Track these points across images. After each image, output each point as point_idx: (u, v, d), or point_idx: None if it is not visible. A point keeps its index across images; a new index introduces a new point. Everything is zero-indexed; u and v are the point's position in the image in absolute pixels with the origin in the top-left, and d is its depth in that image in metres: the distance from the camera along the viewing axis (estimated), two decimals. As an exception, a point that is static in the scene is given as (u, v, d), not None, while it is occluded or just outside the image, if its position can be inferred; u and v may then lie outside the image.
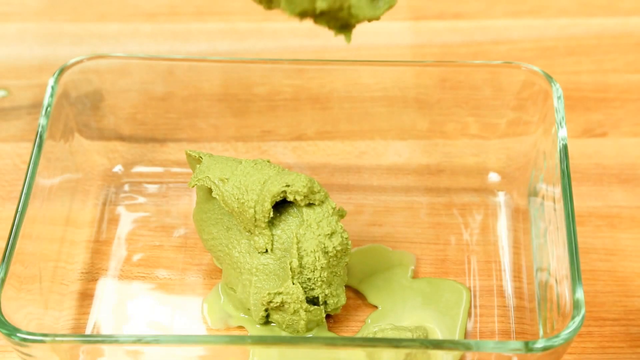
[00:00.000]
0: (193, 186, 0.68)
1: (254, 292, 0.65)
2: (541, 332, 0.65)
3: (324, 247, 0.64)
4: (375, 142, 0.77)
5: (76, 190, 0.72)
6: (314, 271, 0.64)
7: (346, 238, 0.64)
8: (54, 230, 0.69)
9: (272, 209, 0.64)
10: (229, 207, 0.66)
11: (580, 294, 0.58)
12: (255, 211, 0.64)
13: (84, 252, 0.71)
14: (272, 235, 0.65)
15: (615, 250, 0.72)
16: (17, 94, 0.82)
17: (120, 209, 0.74)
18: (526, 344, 0.57)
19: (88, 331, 0.67)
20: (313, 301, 0.65)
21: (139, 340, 0.58)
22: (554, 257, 0.64)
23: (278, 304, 0.64)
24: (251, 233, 0.65)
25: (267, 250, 0.65)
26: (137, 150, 0.76)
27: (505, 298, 0.69)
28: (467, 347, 0.57)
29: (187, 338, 0.62)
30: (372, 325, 0.67)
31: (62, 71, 0.70)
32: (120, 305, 0.69)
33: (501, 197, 0.74)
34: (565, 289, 0.60)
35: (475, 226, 0.68)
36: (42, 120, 0.67)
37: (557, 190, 0.64)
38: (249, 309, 0.66)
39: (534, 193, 0.71)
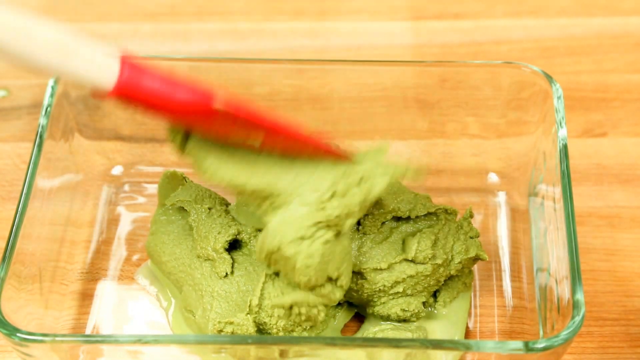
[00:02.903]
0: (171, 204, 0.68)
1: (213, 317, 0.63)
2: (541, 332, 0.64)
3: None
4: (376, 142, 0.77)
5: (76, 190, 0.72)
6: (271, 317, 0.62)
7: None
8: (54, 230, 0.69)
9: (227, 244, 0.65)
10: (198, 234, 0.66)
11: (580, 294, 0.58)
12: (215, 239, 0.65)
13: (84, 252, 0.71)
14: (232, 259, 0.65)
15: (615, 250, 0.72)
16: (17, 94, 0.82)
17: (120, 209, 0.74)
18: (526, 344, 0.57)
19: (88, 331, 0.67)
20: None
21: (139, 340, 0.58)
22: (554, 257, 0.64)
23: (229, 334, 0.62)
24: (212, 260, 0.65)
25: (227, 275, 0.64)
26: (137, 150, 0.76)
27: (505, 298, 0.69)
28: (467, 347, 0.57)
29: (187, 338, 0.62)
30: (372, 325, 0.67)
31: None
32: (120, 305, 0.69)
33: (501, 197, 0.74)
34: (565, 289, 0.60)
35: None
36: (42, 120, 0.67)
37: (557, 190, 0.64)
38: None
39: (534, 193, 0.71)
